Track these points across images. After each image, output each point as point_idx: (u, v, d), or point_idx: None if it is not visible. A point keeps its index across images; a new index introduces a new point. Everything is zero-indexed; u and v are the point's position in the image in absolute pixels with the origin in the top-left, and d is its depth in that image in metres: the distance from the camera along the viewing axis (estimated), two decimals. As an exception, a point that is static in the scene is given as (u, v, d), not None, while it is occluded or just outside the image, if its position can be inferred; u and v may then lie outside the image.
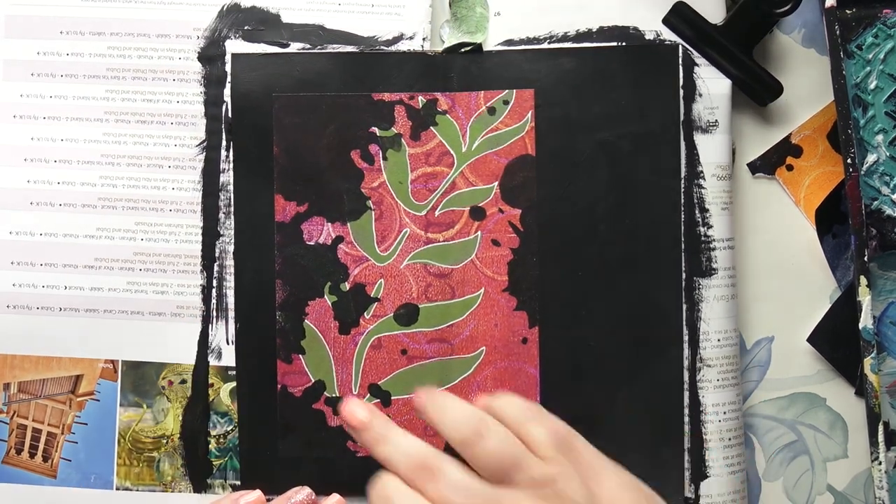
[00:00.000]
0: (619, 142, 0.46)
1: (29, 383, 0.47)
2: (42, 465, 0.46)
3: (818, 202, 0.48)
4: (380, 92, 0.46)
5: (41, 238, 0.47)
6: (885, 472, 0.45)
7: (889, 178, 0.46)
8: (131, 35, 0.46)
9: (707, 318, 0.46)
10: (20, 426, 0.47)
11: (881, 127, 0.46)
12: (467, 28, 0.46)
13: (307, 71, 0.46)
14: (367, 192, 0.46)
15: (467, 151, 0.46)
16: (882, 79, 0.46)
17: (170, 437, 0.46)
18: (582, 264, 0.46)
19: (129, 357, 0.46)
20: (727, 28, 0.46)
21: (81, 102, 0.47)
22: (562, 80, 0.46)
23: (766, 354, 0.48)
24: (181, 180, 0.46)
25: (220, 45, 0.46)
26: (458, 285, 0.46)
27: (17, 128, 0.47)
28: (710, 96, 0.46)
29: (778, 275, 0.48)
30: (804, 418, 0.48)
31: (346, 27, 0.47)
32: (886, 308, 0.46)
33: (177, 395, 0.46)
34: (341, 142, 0.46)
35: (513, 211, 0.46)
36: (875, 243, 0.46)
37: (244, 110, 0.46)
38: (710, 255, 0.46)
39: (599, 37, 0.47)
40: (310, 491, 0.42)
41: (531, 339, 0.46)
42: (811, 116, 0.48)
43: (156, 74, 0.46)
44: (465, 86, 0.46)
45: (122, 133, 0.47)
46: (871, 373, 0.45)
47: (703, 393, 0.46)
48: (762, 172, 0.48)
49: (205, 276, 0.46)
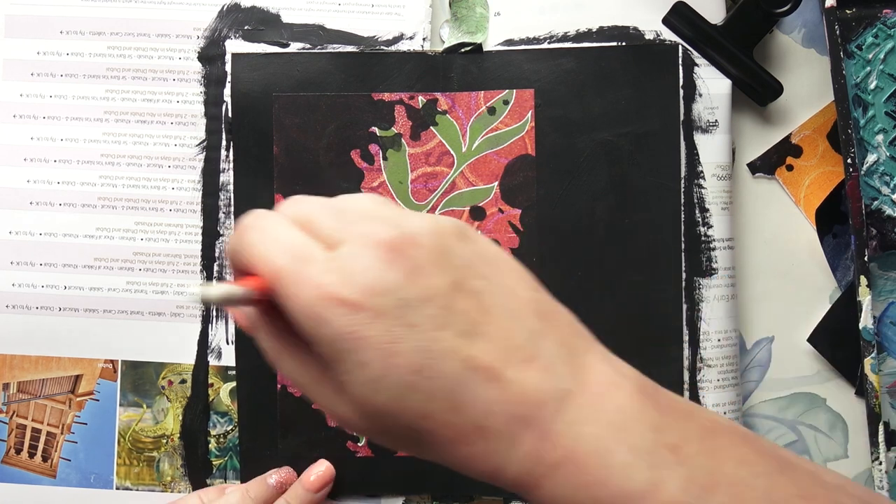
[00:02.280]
0: (619, 142, 0.46)
1: (28, 383, 0.47)
2: (41, 465, 0.46)
3: (818, 202, 0.48)
4: (380, 92, 0.46)
5: (41, 238, 0.47)
6: (886, 472, 0.45)
7: (889, 178, 0.46)
8: (131, 35, 0.46)
9: (707, 318, 0.46)
10: (19, 426, 0.47)
11: (881, 127, 0.46)
12: (467, 28, 0.46)
13: (307, 71, 0.46)
14: (367, 191, 0.46)
15: (467, 151, 0.46)
16: (882, 79, 0.46)
17: (170, 437, 0.46)
18: (582, 264, 0.46)
19: (128, 357, 0.46)
20: (727, 28, 0.46)
21: (81, 102, 0.47)
22: (562, 79, 0.46)
23: (766, 354, 0.48)
24: (181, 180, 0.46)
25: (220, 44, 0.46)
26: (458, 285, 0.46)
27: (17, 128, 0.47)
28: (710, 96, 0.46)
29: (778, 275, 0.48)
30: (804, 418, 0.48)
31: (346, 27, 0.47)
32: (886, 308, 0.46)
33: (177, 395, 0.46)
34: (341, 142, 0.46)
35: (513, 211, 0.46)
36: (875, 243, 0.46)
37: (244, 110, 0.46)
38: (710, 255, 0.46)
39: (599, 37, 0.47)
40: (290, 469, 0.43)
41: (531, 339, 0.46)
42: (811, 116, 0.48)
43: (156, 74, 0.46)
44: (465, 86, 0.46)
45: (121, 133, 0.47)
46: (871, 373, 0.45)
47: (703, 393, 0.46)
48: (762, 172, 0.48)
49: (205, 276, 0.46)
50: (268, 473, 0.43)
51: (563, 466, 0.28)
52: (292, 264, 0.29)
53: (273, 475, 0.43)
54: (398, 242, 0.29)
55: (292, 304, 0.29)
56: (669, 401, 0.30)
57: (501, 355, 0.29)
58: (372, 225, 0.29)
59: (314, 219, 0.31)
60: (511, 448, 0.29)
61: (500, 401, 0.28)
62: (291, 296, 0.29)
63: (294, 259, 0.29)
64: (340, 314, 0.28)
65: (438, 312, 0.28)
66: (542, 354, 0.29)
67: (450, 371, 0.28)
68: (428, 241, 0.29)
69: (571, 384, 0.29)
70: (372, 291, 0.28)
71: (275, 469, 0.44)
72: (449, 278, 0.29)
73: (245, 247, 0.31)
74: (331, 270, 0.29)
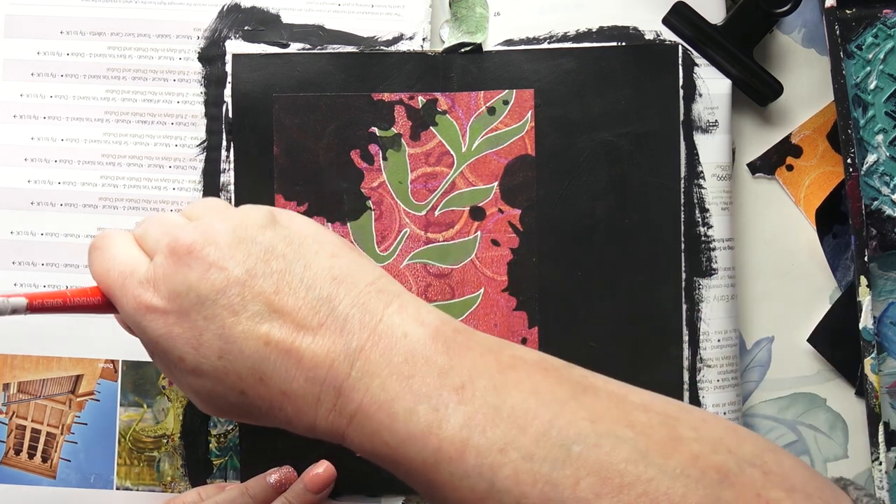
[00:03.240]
0: (619, 142, 0.46)
1: (28, 383, 0.47)
2: (41, 466, 0.46)
3: (818, 202, 0.48)
4: (380, 92, 0.46)
5: (42, 238, 0.47)
6: (886, 473, 0.45)
7: (889, 178, 0.46)
8: (131, 35, 0.47)
9: (707, 318, 0.46)
10: (19, 427, 0.47)
11: (881, 127, 0.46)
12: (467, 28, 0.46)
13: (307, 71, 0.46)
14: (366, 192, 0.46)
15: (467, 151, 0.46)
16: (882, 79, 0.46)
17: (170, 437, 0.46)
18: (582, 264, 0.46)
19: (129, 357, 0.46)
20: (727, 28, 0.46)
21: (81, 102, 0.47)
22: (562, 80, 0.46)
23: (766, 354, 0.48)
24: (182, 180, 0.47)
25: (221, 45, 0.46)
26: (458, 285, 0.46)
27: (18, 128, 0.47)
28: (710, 96, 0.46)
29: (778, 275, 0.48)
30: (804, 418, 0.48)
31: (346, 27, 0.47)
32: (886, 308, 0.46)
33: (177, 395, 0.46)
34: (341, 142, 0.46)
35: (512, 211, 0.46)
36: (875, 243, 0.46)
37: (244, 110, 0.46)
38: (710, 255, 0.46)
39: (599, 37, 0.47)
40: (290, 468, 0.44)
41: (531, 339, 0.46)
42: (811, 116, 0.48)
43: (156, 74, 0.47)
44: (464, 86, 0.46)
45: (122, 133, 0.47)
46: (871, 373, 0.45)
47: (703, 393, 0.46)
48: (762, 172, 0.48)
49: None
50: (267, 472, 0.43)
51: (356, 417, 0.32)
52: (118, 279, 0.34)
53: (273, 474, 0.43)
54: (195, 245, 0.33)
55: (124, 316, 0.35)
56: (469, 342, 0.33)
57: (293, 327, 0.32)
58: (178, 232, 0.34)
59: (146, 234, 0.36)
60: (315, 407, 0.32)
61: (296, 368, 0.32)
62: (120, 308, 0.35)
63: (120, 275, 0.34)
64: (153, 319, 0.33)
65: (233, 300, 0.32)
66: (332, 318, 0.33)
67: (250, 350, 0.32)
68: (224, 239, 0.33)
69: (362, 341, 0.32)
70: (174, 294, 0.33)
71: (275, 468, 0.44)
72: (243, 268, 0.33)
73: (90, 265, 0.36)
74: (144, 281, 0.34)
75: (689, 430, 0.30)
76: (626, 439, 0.29)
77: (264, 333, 0.32)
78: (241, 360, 0.32)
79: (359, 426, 0.32)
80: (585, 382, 0.32)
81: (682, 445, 0.29)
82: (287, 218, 0.35)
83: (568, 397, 0.31)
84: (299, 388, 0.32)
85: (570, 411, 0.30)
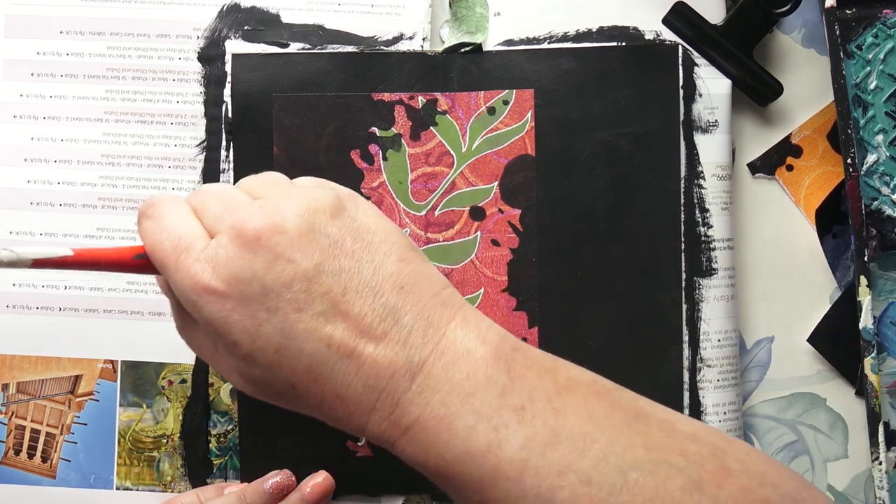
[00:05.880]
0: (619, 142, 0.46)
1: (28, 384, 0.47)
2: (41, 466, 0.46)
3: (818, 202, 0.48)
4: (380, 92, 0.46)
5: (41, 238, 0.47)
6: (886, 473, 0.45)
7: (889, 178, 0.46)
8: (131, 35, 0.46)
9: (707, 318, 0.46)
10: (18, 427, 0.47)
11: (881, 127, 0.46)
12: (467, 28, 0.46)
13: (307, 71, 0.46)
14: (366, 192, 0.46)
15: (467, 151, 0.46)
16: (882, 79, 0.46)
17: (170, 437, 0.46)
18: (582, 264, 0.46)
19: (128, 357, 0.46)
20: (727, 28, 0.46)
21: (81, 102, 0.47)
22: (562, 80, 0.46)
23: (766, 354, 0.48)
24: (181, 180, 0.47)
25: (220, 45, 0.46)
26: (458, 285, 0.46)
27: (17, 128, 0.47)
28: (710, 96, 0.46)
29: (778, 275, 0.48)
30: (804, 418, 0.48)
31: (346, 27, 0.47)
32: (886, 308, 0.46)
33: (177, 395, 0.46)
34: (341, 142, 0.46)
35: (512, 211, 0.46)
36: (875, 243, 0.46)
37: (244, 110, 0.46)
38: (710, 255, 0.46)
39: (599, 37, 0.47)
40: (289, 473, 0.44)
41: (531, 339, 0.46)
42: (811, 116, 0.48)
43: (156, 74, 0.46)
44: (464, 86, 0.46)
45: (122, 133, 0.47)
46: (871, 373, 0.45)
47: (703, 393, 0.46)
48: (762, 172, 0.48)
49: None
50: (265, 477, 0.43)
51: (412, 429, 0.32)
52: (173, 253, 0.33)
53: (270, 480, 0.43)
54: (263, 231, 0.31)
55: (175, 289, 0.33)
56: (527, 361, 0.33)
57: (357, 333, 0.32)
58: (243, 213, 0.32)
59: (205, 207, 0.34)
60: (370, 413, 0.32)
61: (356, 374, 0.32)
62: (172, 282, 0.33)
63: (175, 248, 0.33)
64: (210, 301, 0.32)
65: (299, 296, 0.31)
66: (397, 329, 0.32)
67: (310, 349, 0.31)
68: (293, 227, 0.32)
69: (424, 355, 0.32)
70: (236, 280, 0.31)
71: (273, 472, 0.44)
72: (311, 262, 0.32)
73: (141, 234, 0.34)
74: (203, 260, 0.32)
75: (735, 463, 0.31)
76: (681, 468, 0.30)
77: (327, 335, 0.32)
78: (299, 357, 0.32)
79: (414, 438, 0.32)
80: (636, 408, 0.33)
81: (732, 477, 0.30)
82: (353, 206, 0.34)
83: (622, 423, 0.31)
84: (355, 394, 0.32)
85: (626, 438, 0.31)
